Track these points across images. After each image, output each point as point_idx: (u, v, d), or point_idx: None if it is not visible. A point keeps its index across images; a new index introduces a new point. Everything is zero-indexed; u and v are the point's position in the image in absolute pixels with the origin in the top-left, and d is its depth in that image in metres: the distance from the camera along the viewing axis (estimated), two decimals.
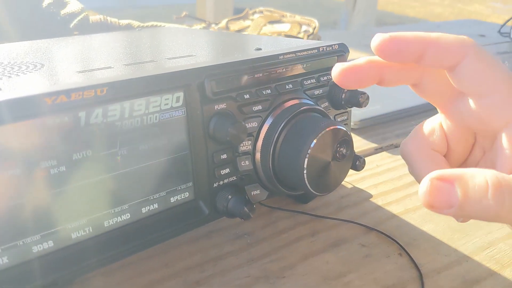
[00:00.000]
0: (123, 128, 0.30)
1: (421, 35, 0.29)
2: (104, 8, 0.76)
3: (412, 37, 0.29)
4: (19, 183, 0.27)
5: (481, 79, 0.29)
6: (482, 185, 0.26)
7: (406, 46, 0.29)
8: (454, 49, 0.29)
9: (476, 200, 0.26)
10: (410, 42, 0.29)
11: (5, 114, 0.25)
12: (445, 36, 0.29)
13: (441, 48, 0.29)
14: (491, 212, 0.26)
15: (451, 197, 0.26)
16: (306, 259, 0.38)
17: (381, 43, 0.29)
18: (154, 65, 0.33)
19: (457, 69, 0.29)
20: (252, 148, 0.35)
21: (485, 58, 0.29)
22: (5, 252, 0.27)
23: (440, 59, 0.29)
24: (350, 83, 0.31)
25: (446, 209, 0.27)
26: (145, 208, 0.32)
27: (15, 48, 0.46)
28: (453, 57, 0.29)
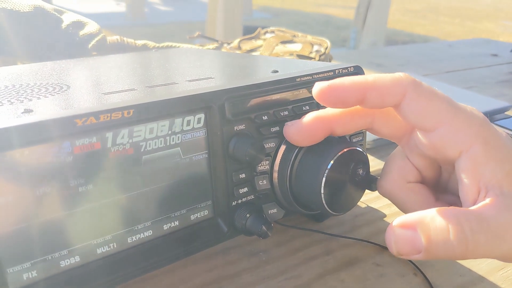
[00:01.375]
0: (147, 148, 0.31)
1: (358, 81, 0.30)
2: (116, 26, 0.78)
3: (349, 84, 0.30)
4: (49, 201, 0.28)
5: (424, 115, 0.29)
6: (443, 228, 0.26)
7: (344, 93, 0.30)
8: (391, 90, 0.30)
9: (440, 243, 0.26)
10: (348, 89, 0.30)
11: (38, 135, 0.26)
12: (382, 78, 0.30)
13: (379, 91, 0.30)
14: (456, 252, 0.26)
15: (415, 243, 0.27)
16: (322, 278, 0.38)
17: (320, 92, 0.31)
18: (176, 88, 0.34)
19: (400, 108, 0.30)
20: (270, 168, 0.36)
21: (424, 94, 0.29)
22: (34, 266, 0.28)
23: (380, 100, 0.30)
24: (304, 141, 0.34)
25: (414, 255, 0.27)
26: (166, 225, 0.33)
27: (38, 68, 0.47)
28: (392, 98, 0.30)
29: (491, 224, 0.27)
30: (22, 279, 0.28)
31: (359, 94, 0.30)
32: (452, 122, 0.29)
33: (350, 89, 0.30)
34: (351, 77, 0.31)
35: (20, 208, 0.27)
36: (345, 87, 0.30)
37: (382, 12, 3.86)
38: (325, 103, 0.31)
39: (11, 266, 0.27)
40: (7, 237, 0.27)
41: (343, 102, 0.31)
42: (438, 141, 0.30)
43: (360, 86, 0.30)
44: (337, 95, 0.30)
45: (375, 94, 0.30)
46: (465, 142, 0.29)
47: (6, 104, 0.31)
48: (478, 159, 0.29)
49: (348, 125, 0.33)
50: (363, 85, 0.30)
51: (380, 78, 0.30)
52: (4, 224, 0.27)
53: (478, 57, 1.28)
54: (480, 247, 0.27)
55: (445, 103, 0.29)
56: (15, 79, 0.41)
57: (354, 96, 0.30)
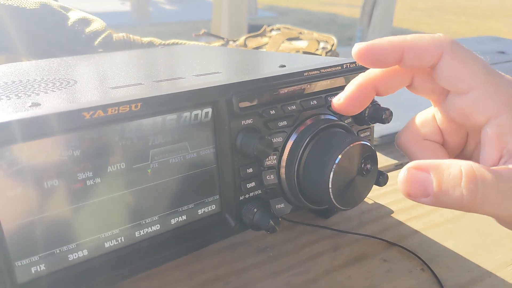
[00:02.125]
0: (154, 142, 0.31)
1: (397, 40, 0.30)
2: (120, 26, 0.78)
3: (387, 43, 0.30)
4: (57, 194, 0.28)
5: (458, 77, 0.29)
6: (456, 175, 0.27)
7: (382, 53, 0.30)
8: (429, 50, 0.30)
9: (450, 190, 0.27)
10: (386, 49, 0.30)
11: (46, 128, 0.26)
12: (420, 37, 0.30)
13: (416, 51, 0.30)
14: (464, 201, 0.27)
15: (426, 186, 0.27)
16: (329, 273, 0.38)
17: (359, 52, 0.31)
18: (183, 82, 0.34)
19: (436, 68, 0.30)
20: (277, 162, 0.36)
21: (462, 56, 0.29)
22: (42, 260, 0.28)
23: (418, 60, 0.30)
24: (355, 109, 0.33)
25: (422, 198, 0.28)
26: (174, 220, 0.33)
27: (44, 65, 0.47)
28: (430, 57, 0.30)
29: (505, 184, 0.27)
30: (30, 272, 0.28)
31: (397, 54, 0.30)
32: (484, 88, 0.29)
33: (388, 49, 0.30)
34: (390, 37, 0.31)
35: (28, 202, 0.27)
36: (383, 47, 0.30)
37: (387, 10, 3.84)
38: (364, 63, 0.31)
39: (19, 260, 0.27)
40: (15, 231, 0.27)
41: (382, 62, 0.31)
42: (468, 105, 0.30)
43: (398, 46, 0.30)
44: (376, 55, 0.31)
45: (412, 54, 0.30)
46: (494, 109, 0.29)
47: (13, 98, 0.31)
48: (505, 127, 0.29)
49: (390, 83, 0.33)
50: (401, 45, 0.30)
51: (418, 38, 0.30)
52: (12, 217, 0.27)
53: (485, 55, 1.26)
54: (488, 203, 0.27)
55: (480, 67, 0.29)
56: (21, 74, 0.42)
57: (392, 56, 0.30)
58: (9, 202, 0.26)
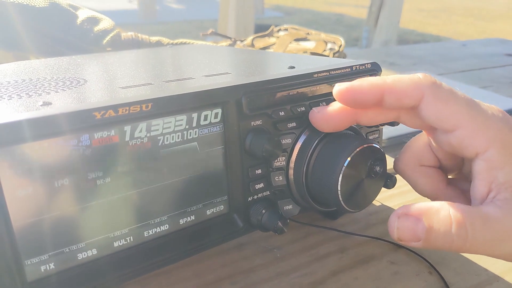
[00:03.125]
0: (164, 142, 0.31)
1: (376, 82, 0.31)
2: (127, 24, 0.78)
3: (367, 86, 0.31)
4: (67, 193, 0.28)
5: (441, 118, 0.30)
6: (446, 220, 0.27)
7: (362, 96, 0.31)
8: (409, 92, 0.30)
9: (440, 234, 0.27)
10: (366, 92, 0.31)
11: (57, 127, 0.26)
12: (400, 80, 0.30)
13: (396, 94, 0.30)
14: (454, 245, 0.28)
15: (417, 231, 0.28)
16: (336, 275, 0.38)
17: (339, 93, 0.31)
18: (193, 82, 0.34)
19: (419, 109, 0.30)
20: (286, 164, 0.36)
21: (443, 97, 0.30)
22: (52, 258, 0.28)
23: (398, 103, 0.31)
24: (329, 128, 0.34)
25: (413, 242, 0.29)
26: (182, 220, 0.33)
27: (54, 63, 0.48)
28: (410, 100, 0.30)
29: (494, 226, 0.28)
30: (39, 271, 0.28)
31: (376, 97, 0.31)
32: (469, 125, 0.29)
33: (368, 92, 0.31)
34: (370, 79, 0.31)
35: (38, 201, 0.27)
36: (363, 89, 0.31)
37: (394, 11, 3.83)
38: (345, 104, 0.32)
39: (28, 258, 0.28)
40: (25, 229, 0.27)
41: (362, 104, 0.31)
42: (455, 142, 0.30)
43: (377, 89, 0.30)
44: (356, 97, 0.31)
45: (393, 96, 0.30)
46: (482, 145, 0.29)
47: (24, 97, 0.31)
48: (493, 163, 0.29)
49: (374, 118, 0.33)
50: (381, 88, 0.30)
51: (398, 81, 0.30)
52: (22, 216, 0.27)
53: (492, 57, 1.26)
54: (479, 245, 0.28)
55: (463, 105, 0.29)
56: (31, 73, 0.42)
57: (372, 98, 0.31)
58: (20, 201, 0.26)
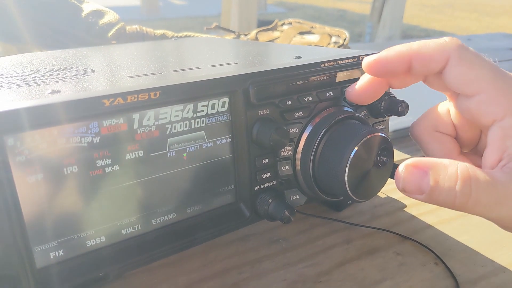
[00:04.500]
0: (172, 130, 0.31)
1: (403, 50, 0.31)
2: (130, 20, 0.78)
3: (394, 55, 0.31)
4: (76, 180, 0.28)
5: (465, 81, 0.30)
6: (452, 176, 0.28)
7: (391, 65, 0.31)
8: (435, 56, 0.30)
9: (444, 189, 0.28)
10: (394, 61, 0.31)
11: (67, 114, 0.26)
12: (426, 44, 0.31)
13: (423, 58, 0.31)
14: (456, 202, 0.28)
15: (422, 184, 0.28)
16: (342, 266, 0.38)
17: (368, 65, 0.32)
18: (200, 72, 0.34)
19: (443, 73, 0.31)
20: (293, 153, 0.36)
21: (468, 60, 0.30)
22: (61, 245, 0.28)
23: (425, 68, 0.31)
24: (367, 99, 0.35)
25: (416, 195, 0.29)
26: (189, 209, 0.33)
27: (60, 55, 0.48)
28: (436, 64, 0.30)
29: (497, 189, 0.28)
30: (49, 258, 0.28)
31: (404, 64, 0.31)
32: (490, 91, 0.29)
33: (396, 60, 0.31)
34: (396, 47, 0.31)
35: (47, 188, 0.27)
36: (391, 59, 0.31)
37: (398, 6, 3.81)
38: (375, 75, 0.33)
39: (38, 245, 0.28)
40: (34, 216, 0.27)
41: (391, 73, 0.32)
42: (474, 107, 0.30)
43: (404, 56, 0.31)
44: (384, 67, 0.32)
45: (419, 62, 0.31)
46: (500, 112, 0.29)
47: (33, 85, 0.32)
48: (508, 131, 0.29)
49: (403, 80, 0.33)
50: (408, 54, 0.31)
51: (424, 45, 0.31)
52: (32, 203, 0.27)
53: (497, 51, 1.26)
54: (479, 206, 0.28)
55: (487, 70, 0.30)
56: (38, 64, 0.42)
57: (400, 66, 0.31)
58: (29, 188, 0.27)
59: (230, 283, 0.36)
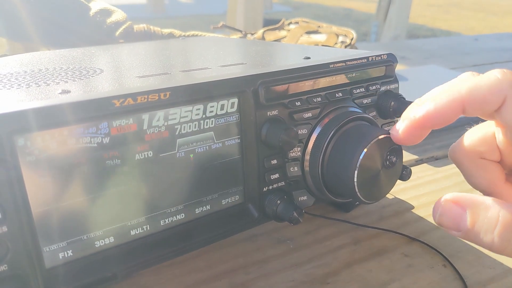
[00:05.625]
0: (181, 131, 0.31)
1: (453, 98, 0.28)
2: (136, 18, 0.78)
3: (445, 106, 0.28)
4: (86, 181, 0.28)
5: None
6: (491, 220, 0.26)
7: (443, 118, 0.29)
8: (490, 99, 0.28)
9: (482, 232, 0.26)
10: (445, 113, 0.28)
11: (77, 115, 0.26)
12: (477, 87, 0.28)
13: (477, 103, 0.28)
14: (494, 247, 0.26)
15: (460, 222, 0.27)
16: (349, 267, 0.38)
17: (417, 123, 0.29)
18: (209, 72, 0.34)
19: (500, 112, 0.28)
20: (301, 154, 0.36)
21: None
22: (70, 246, 0.28)
23: (479, 111, 0.29)
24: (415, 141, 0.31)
25: (453, 231, 0.28)
26: (198, 209, 0.33)
27: (68, 54, 0.48)
28: (492, 106, 0.28)
29: None
30: (58, 258, 0.28)
31: (457, 113, 0.28)
32: None
33: (448, 112, 0.28)
34: (443, 94, 0.28)
35: (57, 188, 0.27)
36: (442, 111, 0.28)
37: (404, 6, 3.79)
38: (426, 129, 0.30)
39: (47, 245, 0.28)
40: (44, 216, 0.27)
41: (446, 122, 0.29)
42: None
43: (456, 106, 0.28)
44: (436, 121, 0.29)
45: (473, 107, 0.28)
46: None
47: (42, 85, 0.32)
48: None
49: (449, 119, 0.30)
50: (460, 102, 0.28)
51: (475, 88, 0.28)
52: (42, 203, 0.27)
53: (504, 51, 1.25)
54: None
55: None
56: (47, 63, 0.42)
57: (453, 116, 0.28)
58: (39, 188, 0.27)
59: (237, 283, 0.36)
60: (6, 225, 0.25)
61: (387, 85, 0.40)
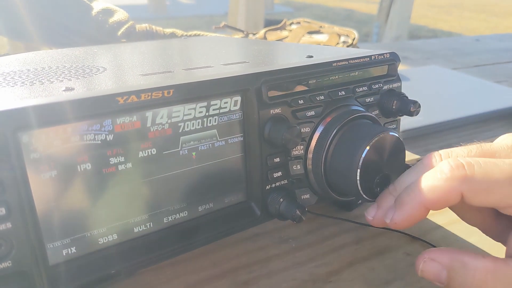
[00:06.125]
0: (185, 129, 0.31)
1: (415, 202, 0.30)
2: (137, 19, 0.79)
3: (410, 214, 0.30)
4: (89, 178, 0.28)
5: (489, 204, 0.29)
6: (468, 278, 0.28)
7: (415, 220, 0.30)
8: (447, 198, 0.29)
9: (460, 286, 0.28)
10: (414, 216, 0.30)
11: (81, 112, 0.26)
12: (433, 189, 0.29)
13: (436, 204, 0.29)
14: None
15: (440, 277, 0.29)
16: (352, 266, 0.38)
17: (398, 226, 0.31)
18: (212, 70, 0.34)
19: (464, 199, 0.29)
20: (304, 153, 0.36)
21: (481, 188, 0.28)
22: (74, 243, 0.29)
23: (443, 207, 0.30)
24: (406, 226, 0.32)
25: (435, 282, 0.30)
26: (201, 207, 0.33)
27: (71, 53, 0.48)
28: (453, 202, 0.29)
29: None
30: (61, 255, 0.28)
31: (423, 213, 0.30)
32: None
33: (416, 215, 0.30)
34: (407, 204, 0.30)
35: (61, 184, 0.27)
36: (411, 218, 0.30)
37: (405, 6, 3.80)
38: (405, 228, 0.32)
39: (51, 242, 0.28)
40: (48, 213, 0.27)
41: (418, 220, 0.31)
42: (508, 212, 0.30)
43: (420, 208, 0.30)
44: (411, 223, 0.31)
45: (436, 207, 0.29)
46: None
47: (46, 83, 0.32)
48: None
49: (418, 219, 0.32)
50: (422, 206, 0.29)
51: (431, 191, 0.29)
52: (46, 199, 0.27)
53: (506, 52, 1.25)
54: None
55: (506, 186, 0.28)
56: (50, 61, 0.42)
57: (420, 216, 0.30)
58: (43, 185, 0.27)
59: (239, 282, 0.36)
60: (11, 221, 0.25)
61: (390, 84, 0.40)
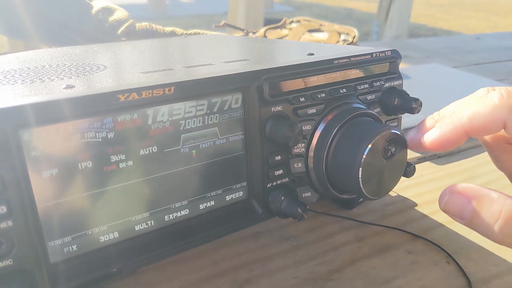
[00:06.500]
0: (186, 126, 0.31)
1: (456, 126, 0.30)
2: (137, 18, 0.78)
3: (449, 133, 0.31)
4: (90, 176, 0.28)
5: None
6: (494, 214, 0.28)
7: (449, 142, 0.31)
8: (490, 126, 0.29)
9: (484, 224, 0.28)
10: (451, 138, 0.31)
11: (82, 109, 0.26)
12: (477, 115, 0.30)
13: (478, 130, 0.30)
14: (494, 238, 0.28)
15: (464, 211, 0.29)
16: (353, 264, 0.38)
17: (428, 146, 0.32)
18: (213, 68, 0.34)
19: (506, 130, 0.30)
20: (306, 150, 0.36)
21: None
22: (75, 241, 0.28)
23: (484, 134, 0.31)
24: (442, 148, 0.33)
25: (457, 218, 0.29)
26: (202, 205, 0.33)
27: (71, 51, 0.48)
28: (494, 131, 0.30)
29: None
30: (62, 253, 0.28)
31: (462, 137, 0.30)
32: None
33: (453, 137, 0.31)
34: (447, 122, 0.31)
35: (62, 182, 0.27)
36: (448, 138, 0.31)
37: (405, 5, 3.79)
38: (439, 150, 0.32)
39: (52, 240, 0.28)
40: (49, 211, 0.27)
41: (454, 146, 0.31)
42: None
43: (460, 132, 0.30)
44: (444, 145, 0.31)
45: (475, 133, 0.30)
46: None
47: (46, 80, 0.32)
48: None
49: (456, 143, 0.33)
50: (462, 130, 0.30)
51: (475, 116, 0.30)
52: (47, 197, 0.27)
53: (506, 50, 1.25)
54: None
55: None
56: (50, 60, 0.42)
57: (459, 140, 0.31)
58: (44, 183, 0.27)
59: (241, 280, 0.36)
60: (12, 219, 0.25)
61: (391, 82, 0.40)
